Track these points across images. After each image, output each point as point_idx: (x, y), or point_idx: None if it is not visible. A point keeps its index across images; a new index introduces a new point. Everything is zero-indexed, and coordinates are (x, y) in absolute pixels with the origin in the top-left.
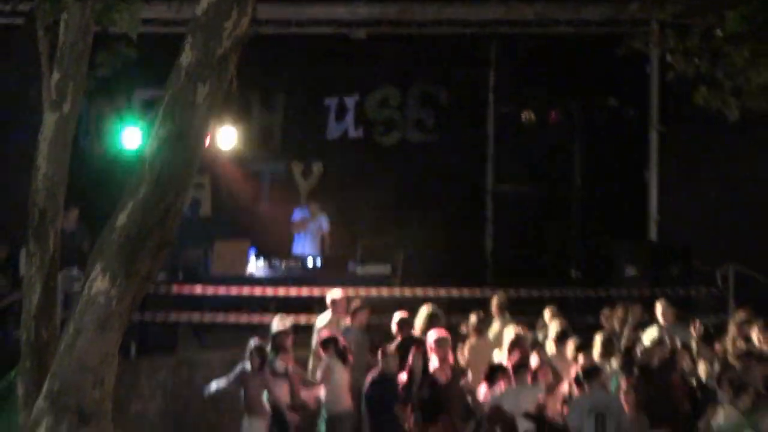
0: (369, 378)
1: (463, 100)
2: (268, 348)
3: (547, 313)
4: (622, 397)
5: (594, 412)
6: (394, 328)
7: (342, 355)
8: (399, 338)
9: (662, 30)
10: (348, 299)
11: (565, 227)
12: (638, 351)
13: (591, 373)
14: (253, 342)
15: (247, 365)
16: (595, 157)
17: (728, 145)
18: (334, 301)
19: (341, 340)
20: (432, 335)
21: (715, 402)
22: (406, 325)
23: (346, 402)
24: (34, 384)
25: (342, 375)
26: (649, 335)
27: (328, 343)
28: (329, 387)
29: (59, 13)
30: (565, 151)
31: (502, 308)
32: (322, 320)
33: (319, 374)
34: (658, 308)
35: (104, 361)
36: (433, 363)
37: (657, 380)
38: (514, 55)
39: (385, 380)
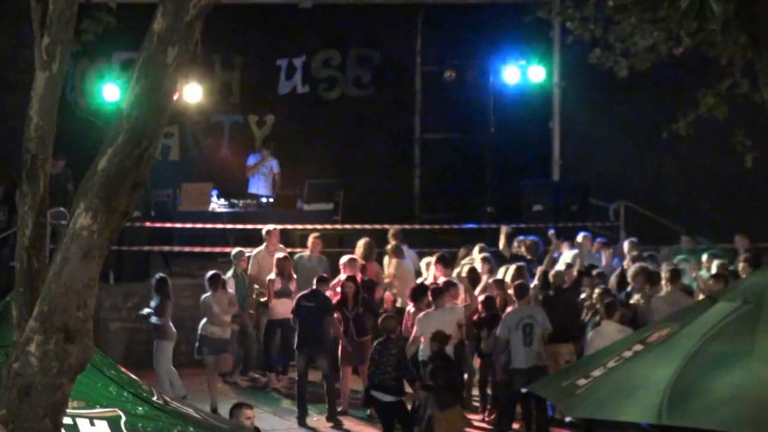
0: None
1: (394, 61)
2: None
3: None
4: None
5: (522, 324)
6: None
7: None
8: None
9: (563, 1)
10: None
11: (481, 169)
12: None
13: (521, 290)
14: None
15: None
16: (506, 109)
17: (619, 98)
18: (268, 232)
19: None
20: (343, 259)
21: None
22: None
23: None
24: (26, 306)
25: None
26: (564, 260)
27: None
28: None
29: None
30: (481, 104)
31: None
32: (256, 250)
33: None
34: (579, 238)
35: (87, 286)
36: (341, 277)
37: (565, 299)
38: (437, 22)
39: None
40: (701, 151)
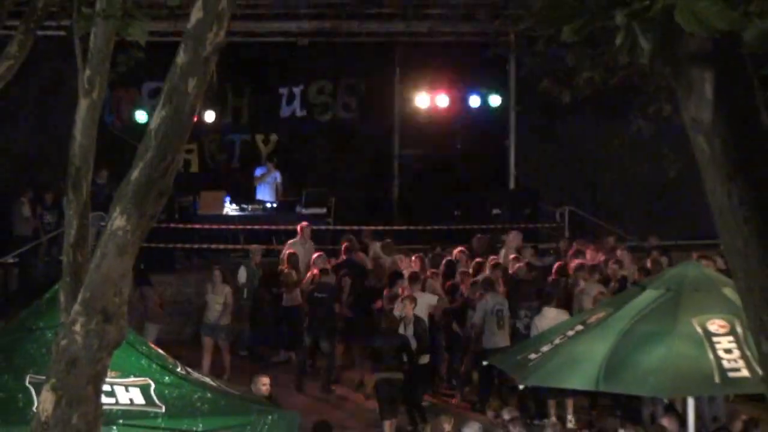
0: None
1: (377, 89)
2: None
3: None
4: None
5: (495, 310)
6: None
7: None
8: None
9: (517, 39)
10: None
11: (449, 180)
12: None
13: (489, 283)
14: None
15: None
16: (470, 129)
17: (564, 120)
18: (301, 227)
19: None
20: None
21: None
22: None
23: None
24: (71, 294)
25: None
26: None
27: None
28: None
29: (90, 28)
30: (449, 125)
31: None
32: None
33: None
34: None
35: (122, 277)
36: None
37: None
38: (412, 57)
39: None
40: (633, 163)
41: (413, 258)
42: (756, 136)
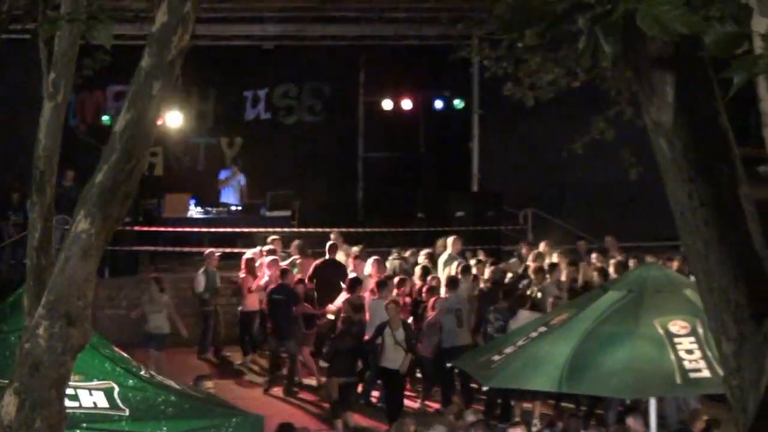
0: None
1: (341, 93)
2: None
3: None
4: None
5: (454, 308)
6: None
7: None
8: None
9: (480, 43)
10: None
11: (414, 182)
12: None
13: (452, 282)
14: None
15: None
16: (434, 132)
17: (527, 123)
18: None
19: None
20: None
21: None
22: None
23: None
24: (35, 297)
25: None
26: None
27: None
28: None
29: (55, 31)
30: (413, 128)
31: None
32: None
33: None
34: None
35: (86, 280)
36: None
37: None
38: (377, 61)
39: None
40: (595, 166)
41: (372, 262)
42: (716, 138)
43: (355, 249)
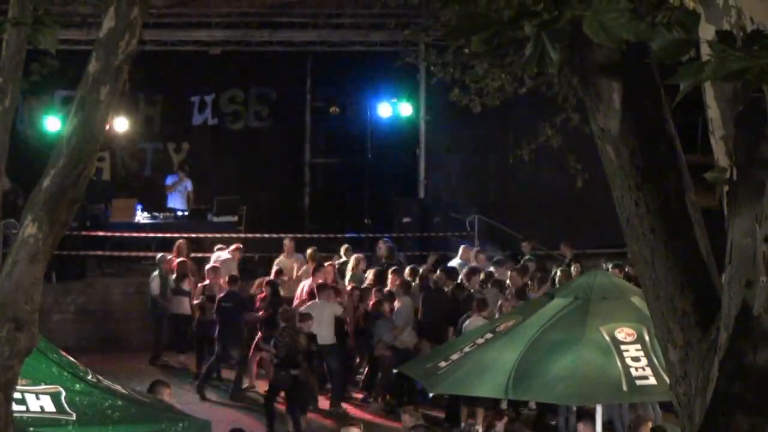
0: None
1: (288, 98)
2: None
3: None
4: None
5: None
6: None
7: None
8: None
9: (427, 49)
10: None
11: (360, 188)
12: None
13: (408, 286)
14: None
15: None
16: (381, 138)
17: (474, 129)
18: (285, 244)
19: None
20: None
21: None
22: None
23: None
24: None
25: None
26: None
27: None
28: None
29: (1, 35)
30: (360, 134)
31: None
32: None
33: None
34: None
35: (34, 284)
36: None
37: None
38: (324, 67)
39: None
40: (541, 172)
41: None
42: (663, 145)
43: (309, 251)
